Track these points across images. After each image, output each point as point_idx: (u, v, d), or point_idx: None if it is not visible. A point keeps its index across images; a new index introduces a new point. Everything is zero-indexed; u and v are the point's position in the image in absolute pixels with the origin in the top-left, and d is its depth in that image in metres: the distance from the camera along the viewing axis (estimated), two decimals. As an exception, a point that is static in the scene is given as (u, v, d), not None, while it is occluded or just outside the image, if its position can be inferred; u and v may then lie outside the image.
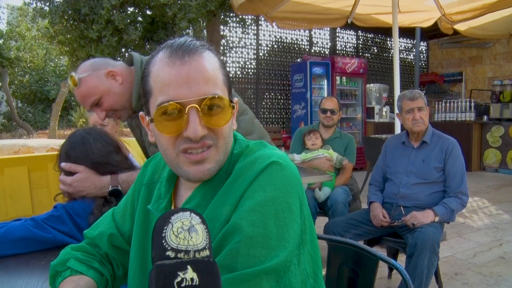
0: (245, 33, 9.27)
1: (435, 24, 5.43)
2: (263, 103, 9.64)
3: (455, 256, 3.70)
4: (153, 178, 1.08)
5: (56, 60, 17.41)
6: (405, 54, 12.51)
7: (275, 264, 0.77)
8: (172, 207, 1.00)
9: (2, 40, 15.17)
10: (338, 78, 9.04)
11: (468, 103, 8.74)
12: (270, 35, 9.79)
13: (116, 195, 1.61)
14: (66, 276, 1.02)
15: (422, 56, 12.91)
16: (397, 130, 4.44)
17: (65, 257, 1.07)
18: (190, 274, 0.59)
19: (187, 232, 0.63)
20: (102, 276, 1.06)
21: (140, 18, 7.11)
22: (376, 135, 7.52)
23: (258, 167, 0.87)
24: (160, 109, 0.85)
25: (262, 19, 9.17)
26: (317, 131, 3.65)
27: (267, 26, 9.60)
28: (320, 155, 3.52)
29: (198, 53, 0.87)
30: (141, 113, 0.98)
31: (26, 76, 16.70)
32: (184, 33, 6.31)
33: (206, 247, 0.63)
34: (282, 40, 10.00)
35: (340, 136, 3.73)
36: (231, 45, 9.07)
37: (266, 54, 9.74)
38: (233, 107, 0.92)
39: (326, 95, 8.80)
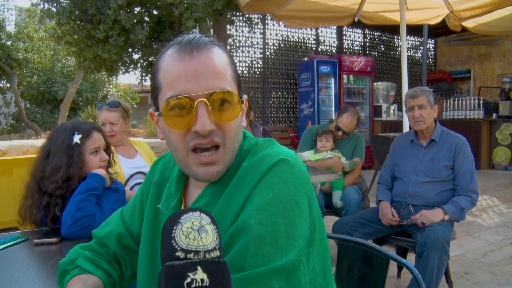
0: (252, 32, 9.25)
1: (443, 21, 5.37)
2: (270, 102, 9.62)
3: (465, 255, 3.66)
4: (162, 178, 1.08)
5: (64, 61, 17.46)
6: (412, 52, 12.43)
7: (284, 264, 0.76)
8: (182, 206, 1.00)
9: (11, 41, 15.25)
10: (345, 76, 9.01)
11: (476, 101, 8.68)
12: (276, 34, 9.77)
13: None
14: (74, 275, 1.02)
15: (430, 54, 12.84)
16: (405, 128, 4.40)
17: (74, 256, 1.07)
18: (200, 274, 0.58)
19: (197, 233, 0.62)
20: (110, 277, 1.06)
21: (146, 18, 7.11)
22: (384, 134, 7.49)
23: (266, 165, 0.86)
24: (168, 103, 0.85)
25: (269, 18, 9.15)
26: (330, 135, 3.57)
27: (273, 25, 9.58)
28: (327, 155, 3.50)
29: (207, 48, 0.87)
30: (150, 110, 0.97)
31: (34, 77, 16.77)
32: (191, 32, 6.32)
33: (216, 247, 0.62)
34: (289, 39, 9.97)
35: (350, 135, 3.70)
36: (237, 44, 9.06)
37: (273, 53, 9.72)
38: (242, 103, 0.91)
39: (333, 94, 8.77)
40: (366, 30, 11.27)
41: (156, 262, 0.98)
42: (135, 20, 6.56)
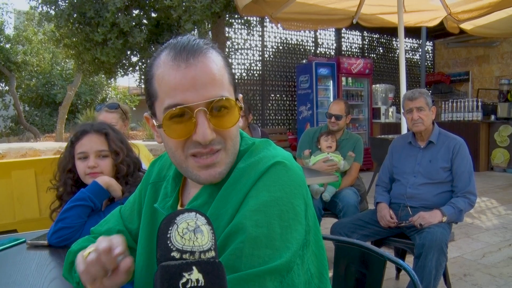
0: (250, 34, 9.27)
1: (441, 23, 5.39)
2: (269, 104, 9.63)
3: (464, 257, 3.66)
4: (159, 177, 1.08)
5: (63, 64, 17.48)
6: (411, 54, 12.45)
7: (278, 265, 0.77)
8: (179, 205, 1.00)
9: (9, 44, 15.26)
10: (343, 79, 9.02)
11: (475, 103, 8.69)
12: (275, 37, 9.79)
13: None
14: None
15: (428, 56, 12.86)
16: (404, 130, 4.41)
17: (86, 244, 1.06)
18: (195, 275, 0.59)
19: (192, 233, 0.62)
20: None
21: (145, 21, 7.11)
22: (383, 136, 7.50)
23: (263, 167, 0.87)
24: (168, 113, 0.84)
25: (267, 20, 9.17)
26: (334, 136, 3.62)
27: (272, 27, 9.59)
28: (328, 157, 3.50)
29: (203, 54, 0.86)
30: (145, 114, 0.97)
31: (33, 80, 16.78)
32: (189, 34, 6.33)
33: (212, 248, 0.63)
34: (287, 41, 9.99)
35: (349, 137, 3.72)
36: (236, 46, 9.07)
37: (272, 56, 9.73)
38: (240, 108, 0.91)
39: (332, 96, 8.78)
40: (365, 32, 11.28)
41: (153, 261, 0.98)
42: (134, 23, 6.57)
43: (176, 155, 0.90)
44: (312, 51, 10.39)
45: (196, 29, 6.52)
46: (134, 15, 6.74)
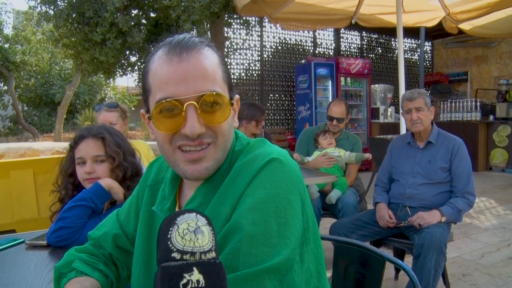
0: (249, 34, 9.27)
1: (440, 23, 5.40)
2: (268, 104, 9.63)
3: (463, 257, 3.67)
4: (157, 179, 1.08)
5: (61, 64, 17.49)
6: (409, 54, 12.46)
7: (277, 263, 0.76)
8: (177, 208, 1.00)
9: (8, 44, 15.26)
10: (342, 79, 9.02)
11: (473, 103, 8.69)
12: (274, 37, 9.79)
13: None
14: (71, 277, 1.02)
15: (427, 56, 12.87)
16: (402, 130, 4.41)
17: (69, 259, 1.06)
18: (196, 276, 0.58)
19: (193, 234, 0.62)
20: (107, 278, 1.06)
21: (144, 21, 7.12)
22: (381, 136, 7.50)
23: (258, 164, 0.86)
24: (158, 106, 0.85)
25: (266, 20, 9.17)
26: (331, 132, 3.62)
27: (271, 27, 9.60)
28: (335, 152, 3.50)
29: (196, 50, 0.86)
30: (142, 110, 0.97)
31: (32, 80, 16.78)
32: (188, 33, 6.33)
33: (212, 248, 0.62)
34: (286, 41, 9.99)
35: (347, 137, 3.71)
36: (235, 46, 9.07)
37: (270, 56, 9.74)
38: (233, 104, 0.91)
39: (330, 96, 8.79)
40: (363, 32, 11.29)
41: (151, 264, 0.98)
42: (132, 23, 6.57)
43: (164, 148, 0.90)
44: (311, 51, 10.40)
45: (195, 29, 6.52)
46: (133, 15, 6.74)
